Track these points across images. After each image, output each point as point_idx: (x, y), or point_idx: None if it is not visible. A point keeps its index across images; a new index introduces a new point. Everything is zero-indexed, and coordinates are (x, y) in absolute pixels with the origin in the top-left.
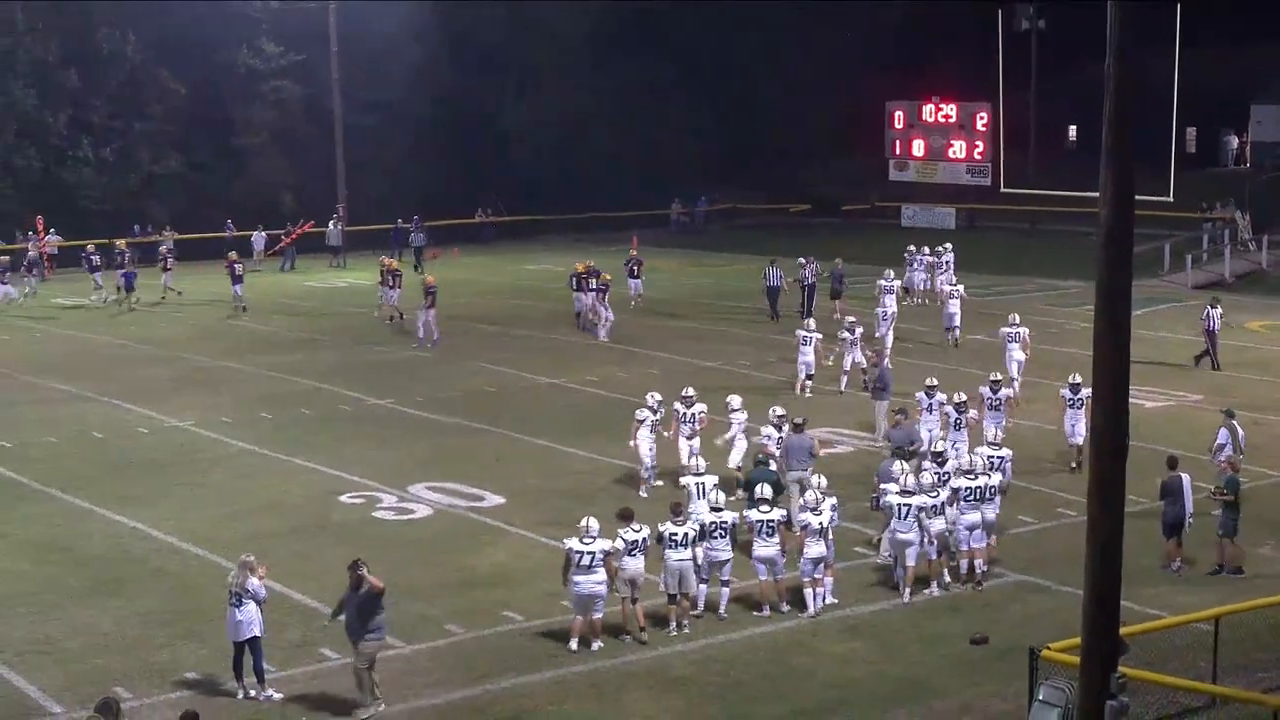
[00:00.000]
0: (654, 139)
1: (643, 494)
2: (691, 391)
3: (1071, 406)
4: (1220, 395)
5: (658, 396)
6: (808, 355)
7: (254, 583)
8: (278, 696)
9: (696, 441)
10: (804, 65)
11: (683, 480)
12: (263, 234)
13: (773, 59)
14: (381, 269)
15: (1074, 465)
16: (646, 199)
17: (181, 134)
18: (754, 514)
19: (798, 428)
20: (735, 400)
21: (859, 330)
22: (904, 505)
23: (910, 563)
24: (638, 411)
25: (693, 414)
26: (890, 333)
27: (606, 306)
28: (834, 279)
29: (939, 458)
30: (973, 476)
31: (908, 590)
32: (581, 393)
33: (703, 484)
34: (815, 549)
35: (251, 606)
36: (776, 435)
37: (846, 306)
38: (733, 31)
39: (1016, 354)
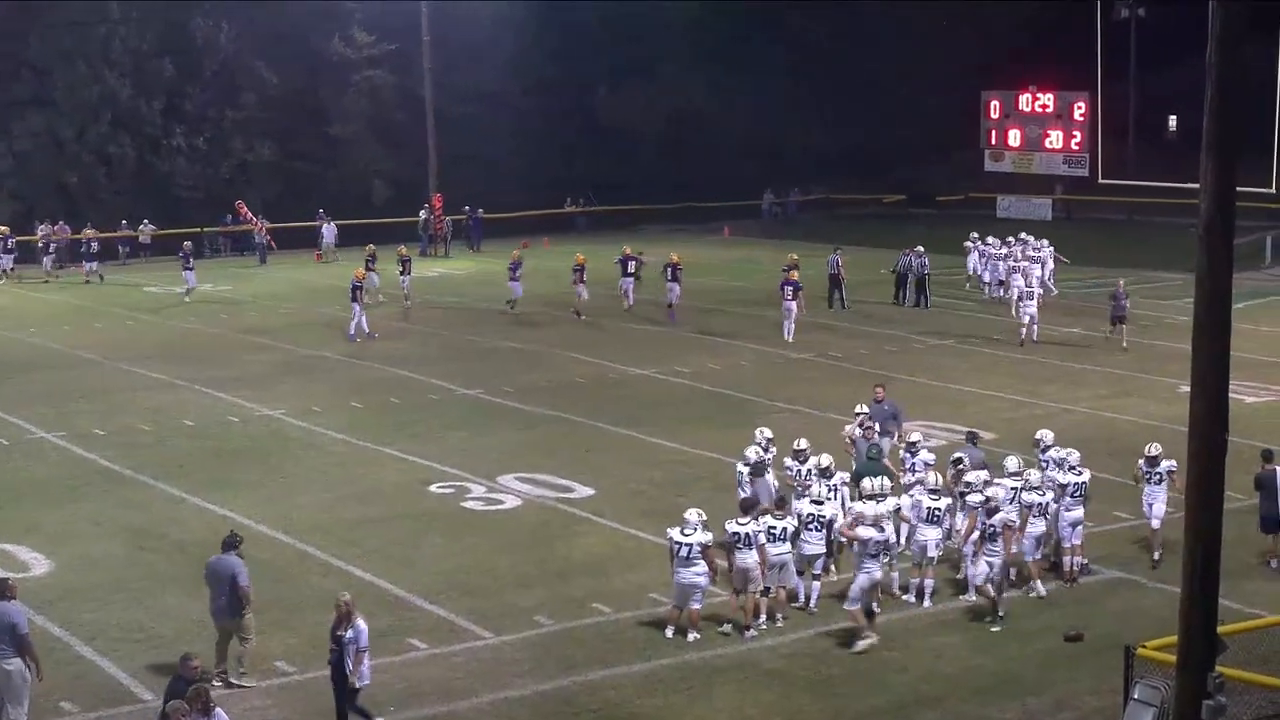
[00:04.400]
0: (747, 131)
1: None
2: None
3: (1149, 482)
4: None
5: (767, 433)
6: (1030, 309)
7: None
8: None
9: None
10: (900, 56)
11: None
12: (333, 226)
13: (869, 50)
14: (399, 258)
15: (1156, 556)
16: (739, 190)
17: (274, 123)
18: (858, 506)
19: (869, 431)
20: (802, 442)
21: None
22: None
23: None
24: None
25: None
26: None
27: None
28: (1116, 300)
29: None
30: (1078, 473)
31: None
32: (672, 384)
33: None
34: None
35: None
36: (859, 431)
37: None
38: (828, 22)
39: (1036, 271)
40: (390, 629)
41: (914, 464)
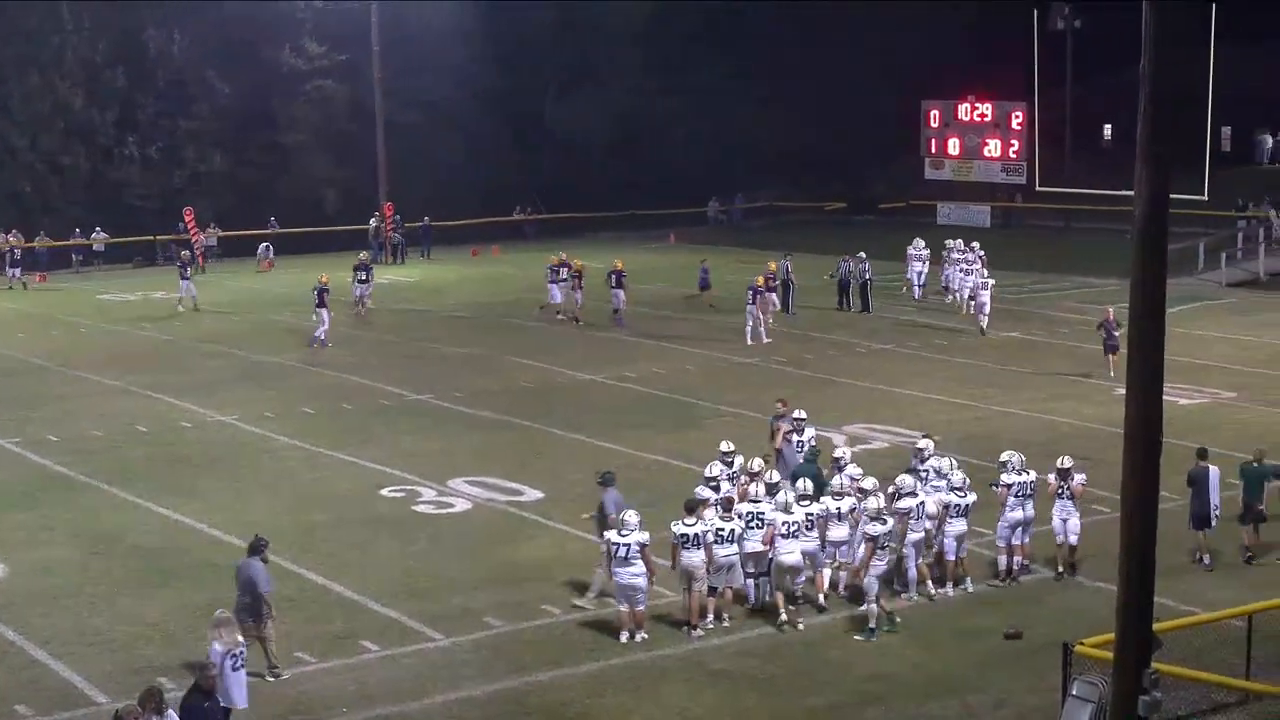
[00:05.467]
0: (693, 138)
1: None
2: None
3: (1060, 496)
4: (1254, 392)
5: (726, 447)
6: (984, 298)
7: (242, 639)
8: None
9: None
10: (843, 65)
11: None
12: (269, 247)
13: (812, 59)
14: (356, 265)
15: (1060, 570)
16: (685, 197)
17: (226, 132)
18: (799, 508)
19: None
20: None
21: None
22: (918, 506)
23: (917, 561)
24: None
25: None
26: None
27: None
28: (1107, 330)
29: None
30: (1020, 473)
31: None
32: (619, 389)
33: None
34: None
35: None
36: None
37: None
38: (774, 30)
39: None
40: (342, 631)
41: (843, 478)
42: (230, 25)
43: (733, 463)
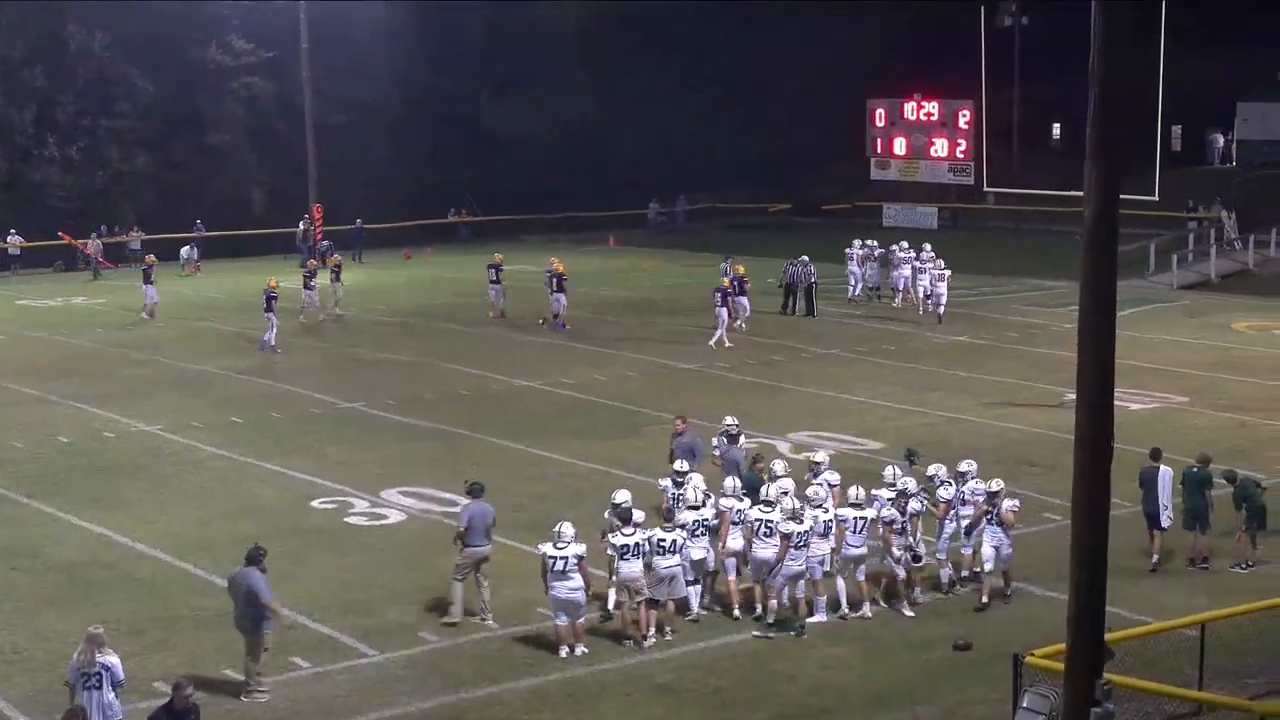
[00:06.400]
0: (633, 139)
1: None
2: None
3: (989, 521)
4: (1206, 397)
5: (681, 466)
6: (941, 289)
7: (110, 660)
8: None
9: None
10: (786, 65)
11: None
12: (194, 249)
13: (755, 58)
14: (306, 272)
15: (1007, 594)
16: (624, 199)
17: (150, 132)
18: (755, 512)
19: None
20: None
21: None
22: (859, 519)
23: (860, 578)
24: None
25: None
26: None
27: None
28: None
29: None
30: (952, 484)
31: (866, 604)
32: (557, 395)
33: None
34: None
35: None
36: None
37: None
38: (716, 31)
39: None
40: (272, 647)
41: (776, 490)
42: (153, 22)
43: (683, 484)
